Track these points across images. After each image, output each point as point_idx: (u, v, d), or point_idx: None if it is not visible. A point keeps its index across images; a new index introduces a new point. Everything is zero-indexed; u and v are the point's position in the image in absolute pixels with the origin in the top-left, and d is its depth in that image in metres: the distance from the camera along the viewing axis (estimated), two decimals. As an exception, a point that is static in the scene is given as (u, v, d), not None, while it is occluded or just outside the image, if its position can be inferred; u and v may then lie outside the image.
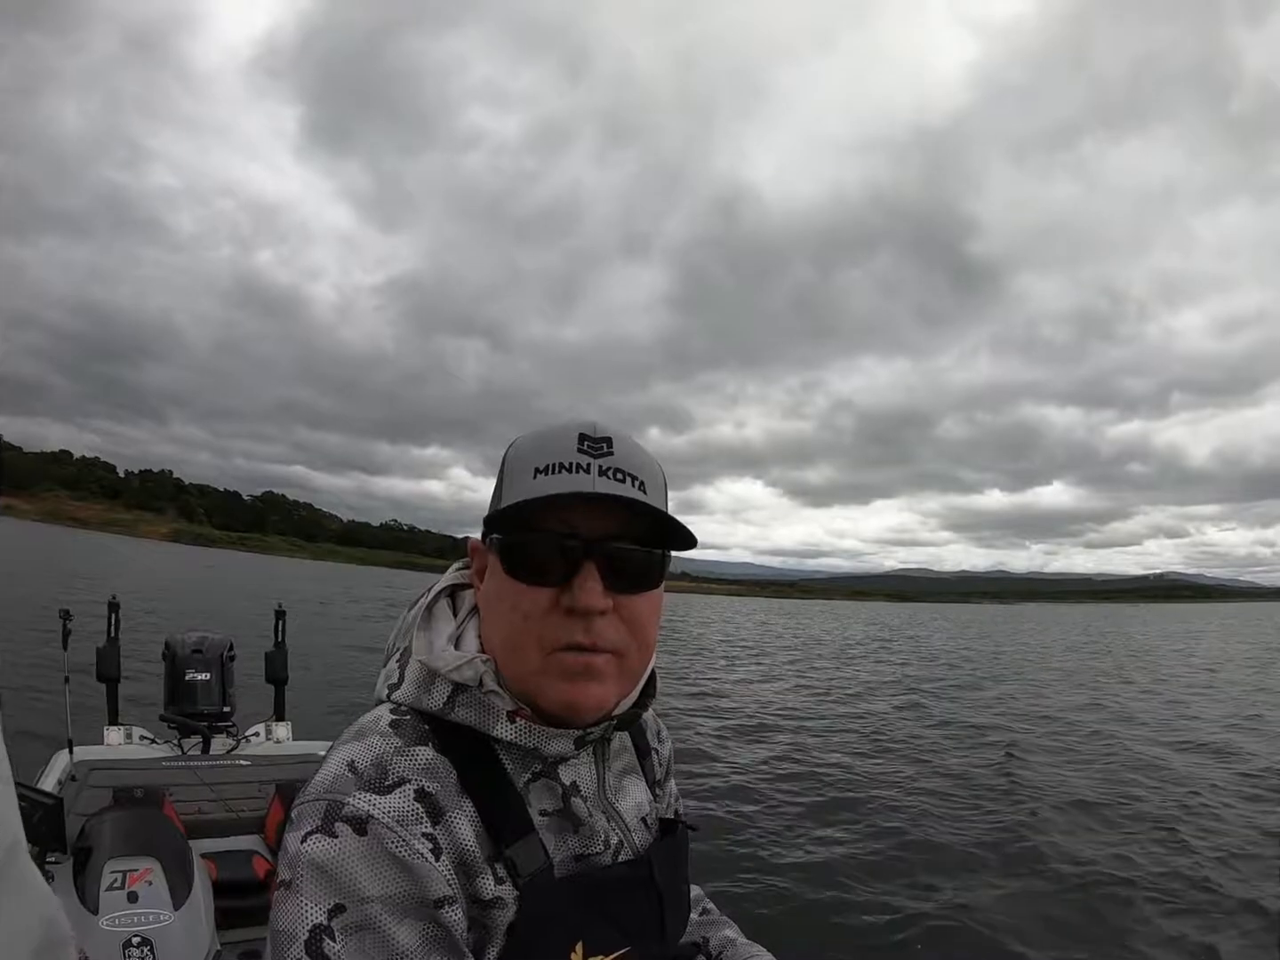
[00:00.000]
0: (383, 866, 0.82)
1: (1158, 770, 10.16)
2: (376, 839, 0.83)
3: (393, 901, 0.82)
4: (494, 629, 0.97)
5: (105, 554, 65.58)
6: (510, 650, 0.94)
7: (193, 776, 3.76)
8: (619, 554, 0.94)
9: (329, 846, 0.83)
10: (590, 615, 0.92)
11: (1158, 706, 16.51)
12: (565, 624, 0.92)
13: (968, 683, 20.93)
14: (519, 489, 0.93)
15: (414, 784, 0.88)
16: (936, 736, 12.43)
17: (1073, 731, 13.07)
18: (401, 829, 0.84)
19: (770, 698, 16.54)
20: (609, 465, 0.94)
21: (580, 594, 0.91)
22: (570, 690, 0.93)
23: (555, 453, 0.94)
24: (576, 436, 0.95)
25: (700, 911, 1.32)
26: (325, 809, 0.85)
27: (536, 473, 0.93)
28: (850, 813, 7.92)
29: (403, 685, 0.98)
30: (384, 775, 0.88)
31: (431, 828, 0.86)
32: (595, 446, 0.94)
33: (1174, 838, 7.34)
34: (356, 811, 0.84)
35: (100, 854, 2.69)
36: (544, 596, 0.92)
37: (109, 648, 4.52)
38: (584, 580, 0.91)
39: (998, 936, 5.25)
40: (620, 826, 1.05)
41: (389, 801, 0.85)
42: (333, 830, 0.83)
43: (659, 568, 0.98)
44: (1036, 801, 8.53)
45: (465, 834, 0.88)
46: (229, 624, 13.80)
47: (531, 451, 0.96)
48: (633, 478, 0.95)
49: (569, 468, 0.92)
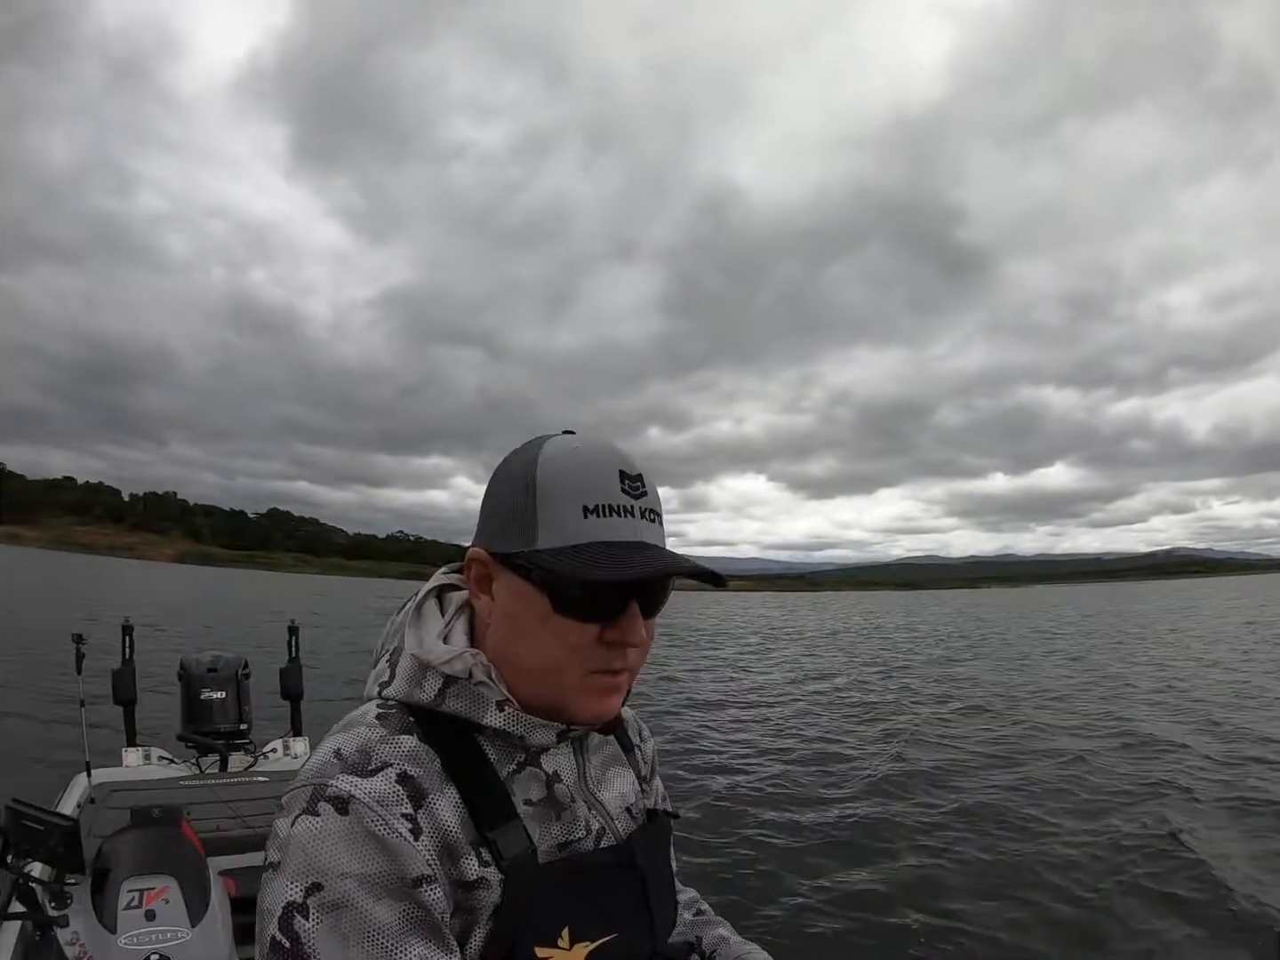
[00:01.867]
0: (362, 845, 0.86)
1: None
2: (357, 818, 0.86)
3: (371, 879, 0.85)
4: (526, 651, 1.00)
5: (114, 578, 65.79)
6: (549, 671, 0.99)
7: (211, 794, 3.77)
8: (657, 591, 1.02)
9: (311, 825, 0.86)
10: (632, 647, 1.00)
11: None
12: (607, 653, 0.99)
13: (962, 665, 20.92)
14: (567, 525, 0.97)
15: (396, 768, 0.92)
16: (936, 725, 12.46)
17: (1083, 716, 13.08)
18: (381, 809, 0.87)
19: (766, 693, 16.57)
20: (646, 506, 1.01)
21: (630, 633, 0.99)
22: (599, 705, 1.01)
23: (601, 492, 0.98)
24: (617, 474, 1.00)
25: (694, 912, 1.35)
26: (310, 792, 0.89)
27: (586, 512, 0.97)
28: (846, 807, 7.91)
29: (394, 681, 1.02)
30: (367, 760, 0.92)
31: (412, 809, 0.90)
32: (634, 486, 1.00)
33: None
34: (339, 792, 0.88)
35: (118, 873, 2.71)
36: (592, 631, 0.98)
37: (124, 670, 4.54)
38: (633, 620, 0.99)
39: (996, 932, 5.23)
40: (602, 814, 1.09)
41: (370, 783, 0.89)
42: (316, 810, 0.87)
43: (668, 597, 1.07)
44: (1035, 789, 8.54)
45: (448, 817, 0.92)
46: (241, 642, 13.85)
47: (573, 484, 0.98)
48: (659, 515, 1.03)
49: (618, 511, 0.98)
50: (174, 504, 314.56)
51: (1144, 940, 5.06)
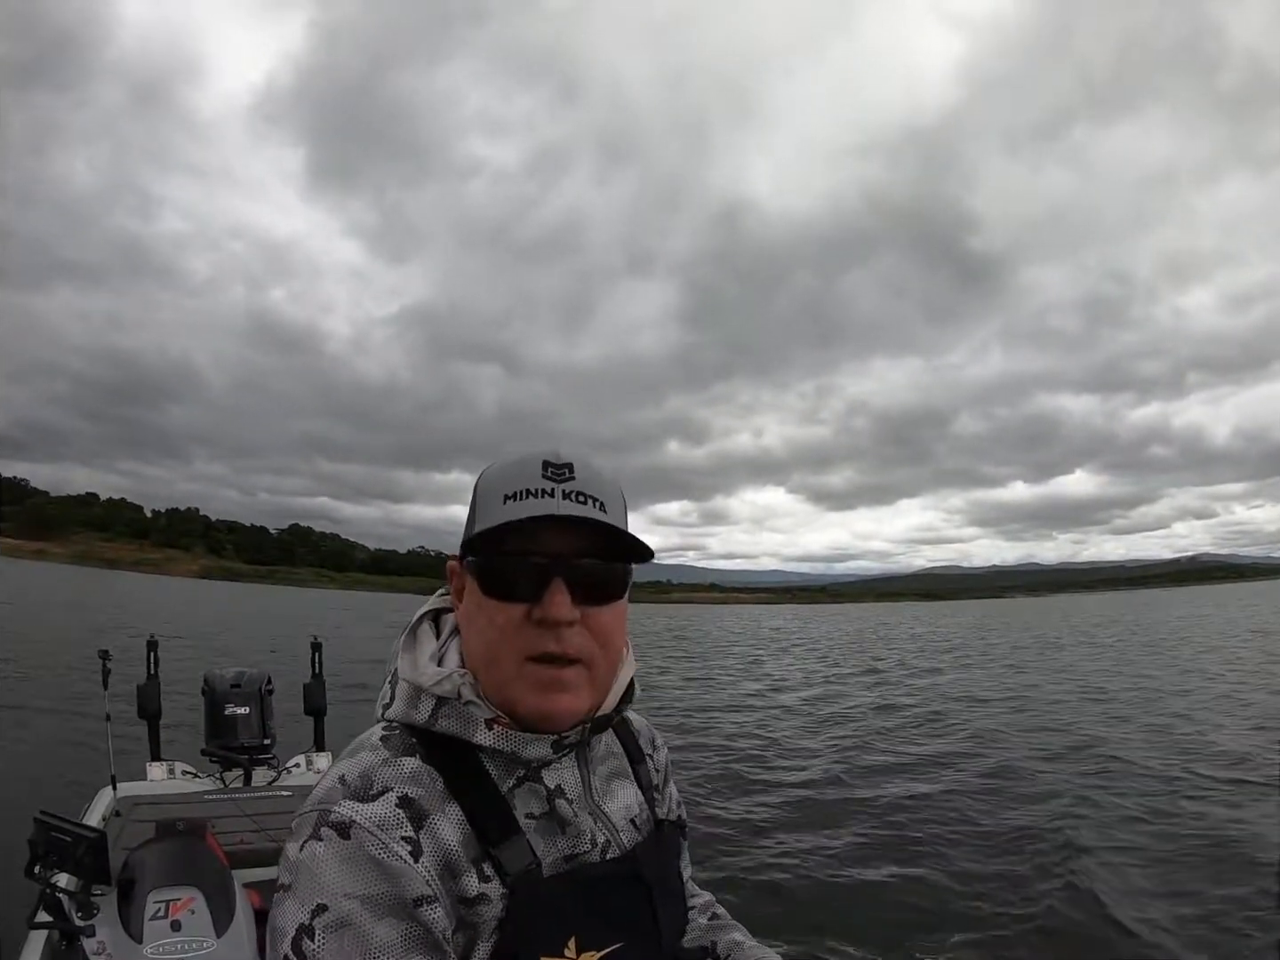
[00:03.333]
0: (362, 868, 0.90)
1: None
2: (358, 842, 0.91)
3: (372, 901, 0.88)
4: (473, 643, 1.06)
5: (138, 593, 66.24)
6: (488, 662, 1.03)
7: (235, 808, 3.81)
8: (583, 569, 1.02)
9: (315, 850, 0.91)
10: (559, 626, 1.00)
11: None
12: (538, 635, 1.00)
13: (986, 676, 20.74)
14: (490, 515, 1.02)
15: (397, 791, 0.96)
16: (943, 729, 12.35)
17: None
18: (381, 833, 0.92)
19: (780, 699, 16.61)
20: (571, 489, 1.02)
21: (550, 607, 0.99)
22: (543, 701, 1.01)
23: (521, 480, 1.03)
24: (540, 464, 1.03)
25: (710, 916, 1.35)
26: (316, 818, 0.94)
27: (505, 499, 1.02)
28: (861, 811, 7.91)
29: (394, 704, 1.07)
30: (369, 785, 0.96)
31: (413, 831, 0.93)
32: (558, 473, 1.03)
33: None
34: (341, 818, 0.92)
35: (143, 884, 2.75)
36: (518, 611, 1.00)
37: (149, 685, 4.59)
38: (553, 594, 0.99)
39: (1010, 932, 5.22)
40: (607, 827, 1.11)
41: (371, 808, 0.93)
42: (320, 835, 0.92)
43: (621, 580, 1.07)
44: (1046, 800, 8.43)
45: (449, 836, 0.96)
46: (265, 657, 13.92)
47: (499, 480, 1.05)
48: (593, 499, 1.03)
49: (535, 493, 1.01)
50: (196, 520, 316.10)
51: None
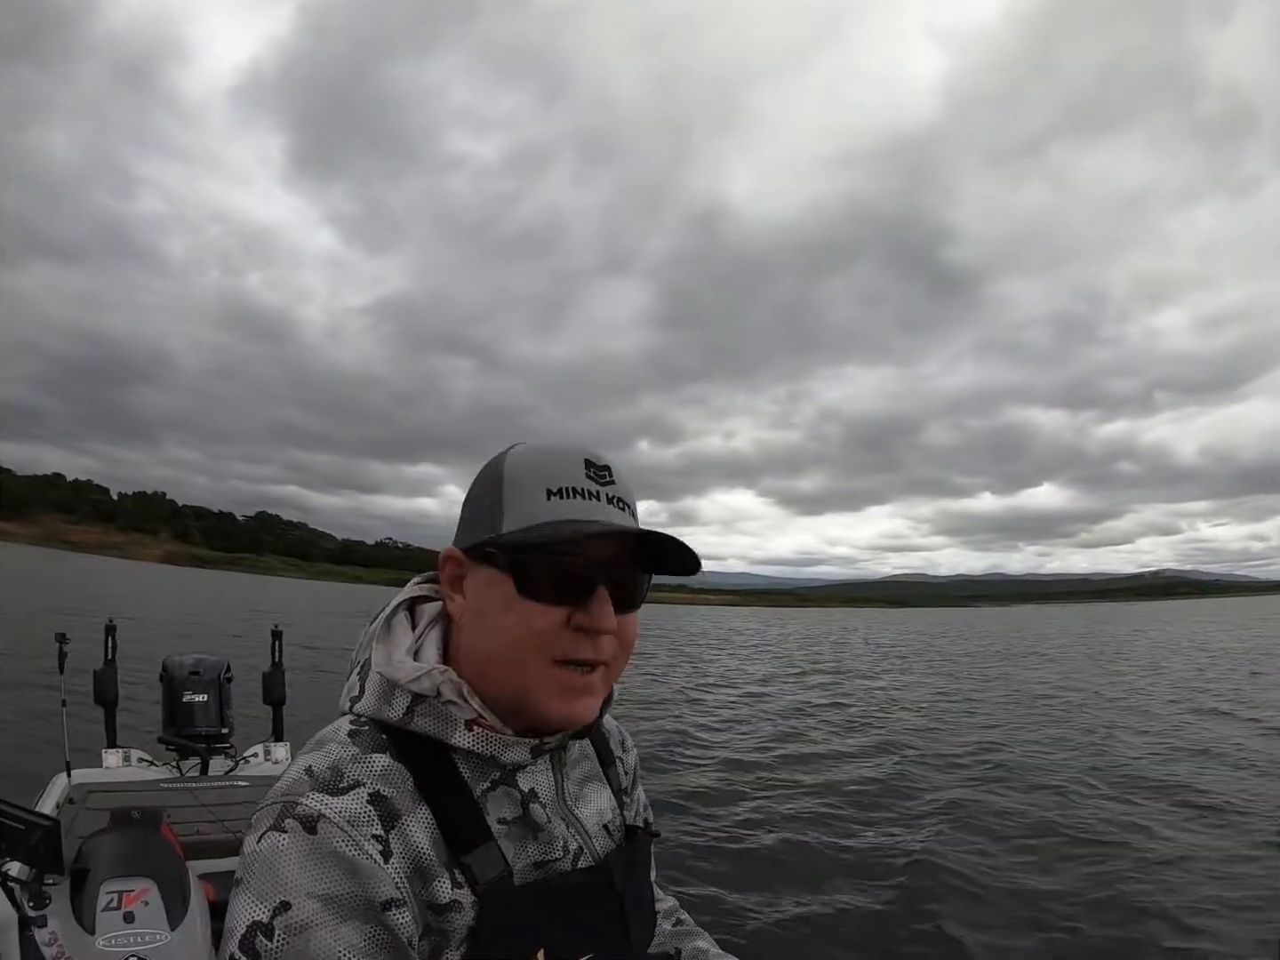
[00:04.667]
0: (329, 865, 0.84)
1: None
2: (325, 837, 0.85)
3: (338, 901, 0.83)
4: (488, 640, 0.99)
5: (100, 577, 65.41)
6: (511, 661, 0.97)
7: (191, 798, 3.76)
8: (625, 577, 1.01)
9: (278, 842, 0.85)
10: (601, 634, 0.98)
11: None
12: (575, 641, 0.97)
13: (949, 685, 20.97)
14: (529, 508, 0.98)
15: (368, 787, 0.91)
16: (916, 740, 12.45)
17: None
18: (351, 829, 0.86)
19: (745, 704, 16.61)
20: (614, 494, 1.01)
21: (599, 617, 0.96)
22: (569, 704, 0.98)
23: (564, 476, 0.99)
24: (583, 462, 1.01)
25: (674, 922, 1.34)
26: (280, 809, 0.88)
27: (550, 495, 0.98)
28: (826, 817, 7.91)
29: (363, 697, 1.01)
30: (339, 778, 0.91)
31: (383, 830, 0.89)
32: (600, 474, 1.01)
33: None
34: (308, 811, 0.87)
35: (97, 875, 2.71)
36: (558, 615, 0.96)
37: (106, 671, 4.50)
38: (601, 603, 0.97)
39: (977, 942, 5.23)
40: (580, 833, 1.08)
41: (341, 802, 0.88)
42: (283, 827, 0.86)
43: (647, 588, 1.05)
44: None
45: (420, 839, 0.91)
46: (225, 645, 13.77)
47: (536, 470, 1.00)
48: (629, 506, 1.03)
49: (581, 494, 0.98)
50: (163, 504, 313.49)
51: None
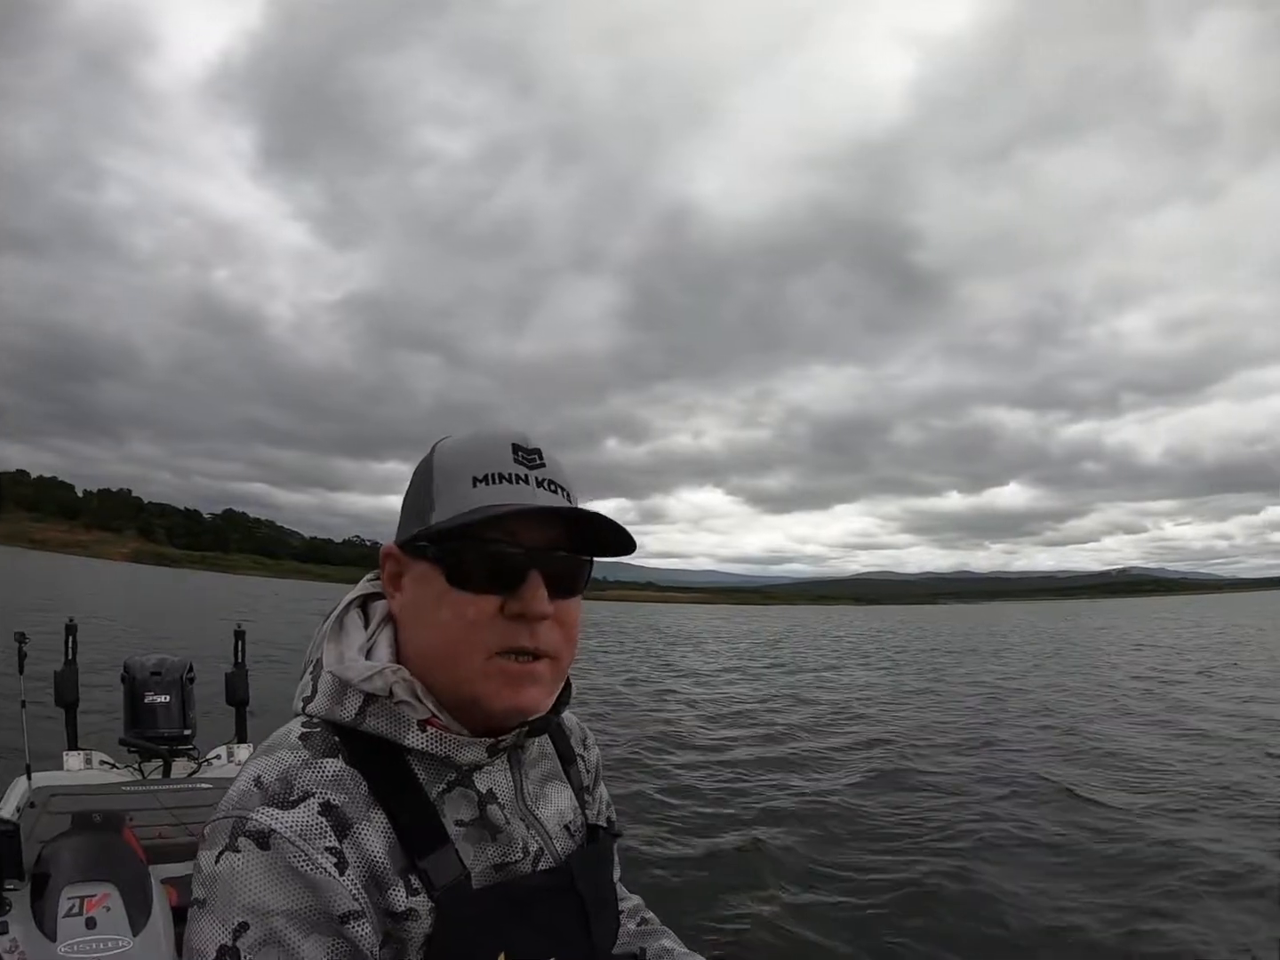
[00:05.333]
0: (286, 881, 0.84)
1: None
2: (279, 853, 0.84)
3: (297, 916, 0.83)
4: (426, 635, 0.98)
5: (63, 576, 64.33)
6: (448, 657, 0.95)
7: (153, 801, 3.72)
8: (559, 561, 0.98)
9: (233, 863, 0.84)
10: (536, 621, 0.95)
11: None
12: (511, 629, 0.94)
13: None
14: (457, 498, 0.96)
15: (319, 797, 0.89)
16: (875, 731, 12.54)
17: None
18: (304, 843, 0.85)
19: (703, 701, 16.64)
20: (544, 477, 0.98)
21: (531, 601, 0.94)
22: (514, 695, 0.95)
23: (491, 462, 0.96)
24: (510, 446, 0.98)
25: (639, 921, 1.32)
26: (232, 826, 0.87)
27: (475, 482, 0.95)
28: (789, 814, 7.91)
29: (316, 698, 0.99)
30: (289, 790, 0.89)
31: (337, 841, 0.87)
32: (529, 458, 0.98)
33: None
34: (260, 827, 0.85)
35: (57, 880, 2.67)
36: (490, 603, 0.94)
37: (67, 671, 4.42)
38: (533, 589, 0.94)
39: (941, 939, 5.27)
40: (540, 834, 1.06)
41: (292, 816, 0.87)
42: (237, 846, 0.85)
43: (587, 574, 1.03)
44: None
45: (375, 846, 0.89)
46: (188, 645, 13.60)
47: (463, 459, 0.98)
48: (562, 489, 0.99)
49: (508, 478, 0.96)
50: (129, 502, 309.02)
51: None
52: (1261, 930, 5.21)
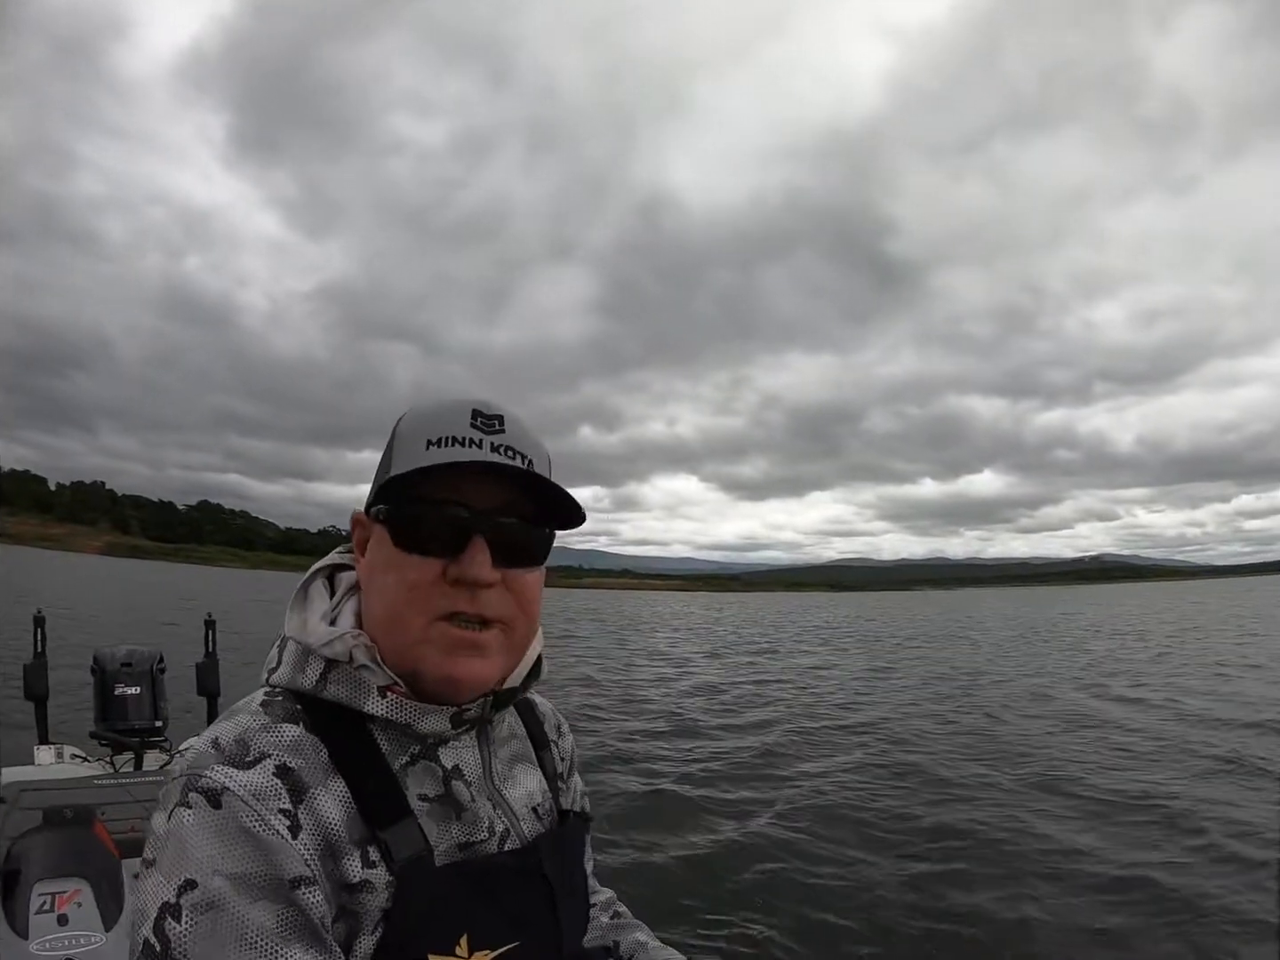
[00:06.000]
0: (236, 841, 0.81)
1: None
2: (230, 812, 0.82)
3: (246, 879, 0.79)
4: (377, 599, 0.96)
5: (34, 569, 63.57)
6: (392, 620, 0.94)
7: (125, 794, 3.68)
8: (508, 528, 0.96)
9: (183, 818, 0.82)
10: (477, 586, 0.93)
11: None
12: (451, 594, 0.93)
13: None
14: (409, 459, 0.94)
15: (275, 759, 0.87)
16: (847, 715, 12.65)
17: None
18: (257, 803, 0.83)
19: (675, 694, 16.56)
20: (500, 442, 0.95)
21: (470, 566, 0.92)
22: (451, 663, 0.93)
23: (447, 426, 0.95)
24: (469, 413, 0.96)
25: (611, 915, 1.31)
26: (184, 783, 0.84)
27: (429, 445, 0.94)
28: (765, 809, 7.86)
29: (280, 667, 0.98)
30: (245, 751, 0.87)
31: (291, 805, 0.85)
32: (488, 423, 0.96)
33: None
34: (212, 784, 0.83)
35: (28, 876, 2.64)
36: (432, 567, 0.93)
37: (36, 664, 4.37)
38: (474, 553, 0.92)
39: (918, 931, 5.29)
40: (507, 814, 1.03)
41: (246, 776, 0.84)
42: (188, 802, 0.82)
43: (545, 544, 1.01)
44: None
45: (331, 813, 0.87)
46: (158, 636, 13.49)
47: (422, 424, 0.96)
48: (523, 456, 0.96)
49: (461, 442, 0.94)
50: (102, 495, 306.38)
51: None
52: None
